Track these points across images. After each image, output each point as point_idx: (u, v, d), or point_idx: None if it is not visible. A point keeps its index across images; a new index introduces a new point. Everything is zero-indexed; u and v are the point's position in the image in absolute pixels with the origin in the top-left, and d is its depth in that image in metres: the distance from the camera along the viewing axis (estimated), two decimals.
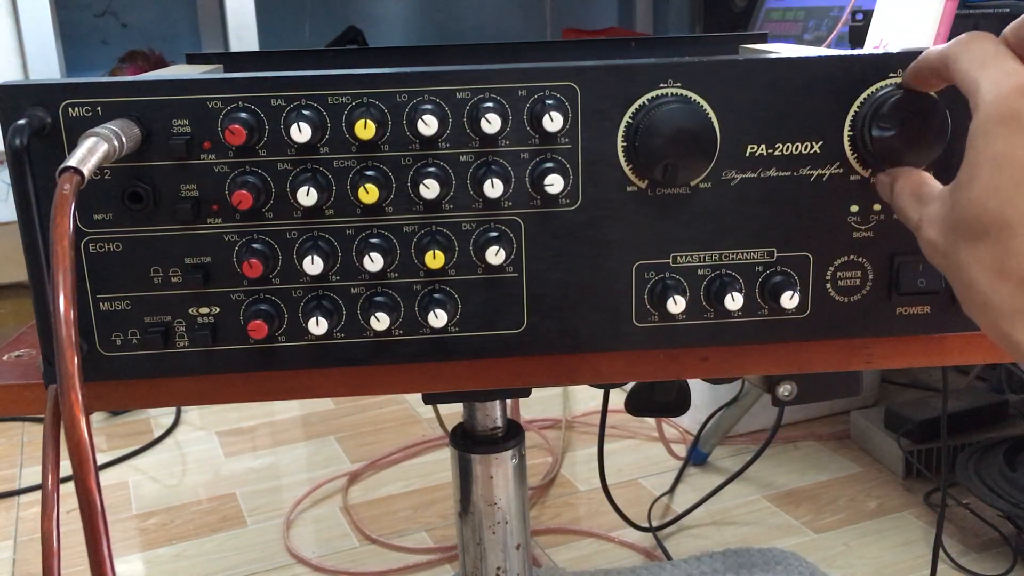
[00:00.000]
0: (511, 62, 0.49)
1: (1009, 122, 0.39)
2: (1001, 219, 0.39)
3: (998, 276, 0.39)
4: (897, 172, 0.49)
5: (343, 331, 0.51)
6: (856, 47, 1.13)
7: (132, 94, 0.47)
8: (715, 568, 1.28)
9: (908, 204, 0.47)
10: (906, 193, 0.47)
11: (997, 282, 0.39)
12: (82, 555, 0.38)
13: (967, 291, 0.41)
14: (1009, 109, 0.39)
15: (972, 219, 0.40)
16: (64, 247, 0.38)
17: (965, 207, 0.40)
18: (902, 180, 0.48)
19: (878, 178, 0.50)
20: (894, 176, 0.49)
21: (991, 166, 0.39)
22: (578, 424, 1.78)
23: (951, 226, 0.42)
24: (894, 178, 0.49)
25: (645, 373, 0.55)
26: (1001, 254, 0.39)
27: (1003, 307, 0.39)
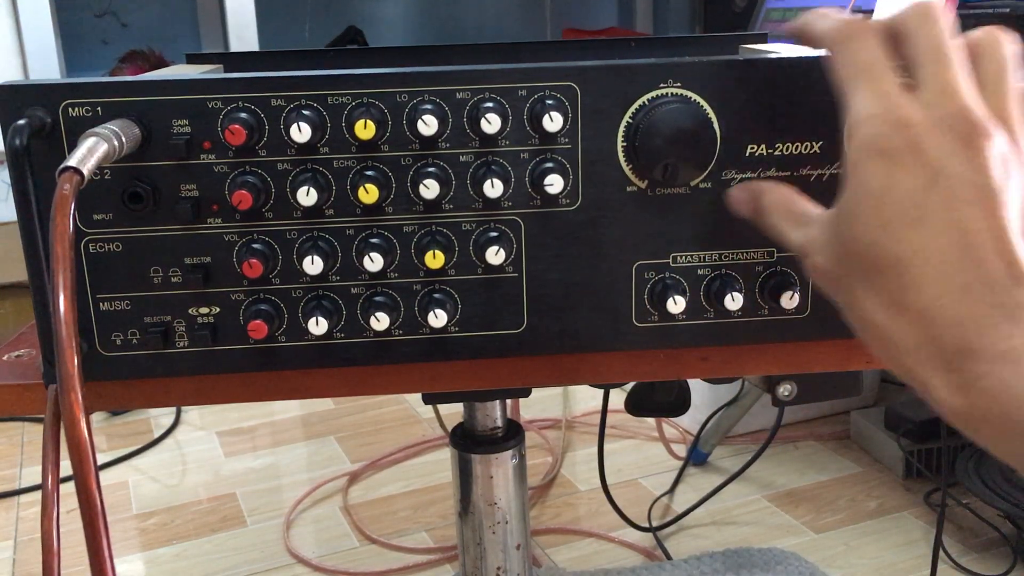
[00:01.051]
0: (511, 62, 0.49)
1: (886, 157, 0.38)
2: (893, 256, 0.38)
3: (896, 311, 0.38)
4: (761, 188, 0.47)
5: (343, 331, 0.51)
6: None
7: (132, 94, 0.47)
8: (715, 568, 1.28)
9: (786, 225, 0.45)
10: (780, 213, 0.46)
11: (896, 317, 0.38)
12: (82, 555, 0.38)
13: (864, 325, 0.40)
14: (883, 145, 0.38)
15: (863, 255, 0.39)
16: (64, 247, 0.38)
17: (854, 242, 0.39)
18: (772, 197, 0.46)
19: (731, 193, 0.49)
20: (758, 192, 0.47)
21: (874, 201, 0.38)
22: (578, 424, 1.78)
23: (840, 258, 0.41)
24: (759, 194, 0.47)
25: (645, 373, 0.55)
26: (896, 289, 0.38)
27: (904, 342, 0.38)
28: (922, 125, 0.38)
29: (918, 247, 0.38)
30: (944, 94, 0.39)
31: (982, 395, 0.36)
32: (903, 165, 0.38)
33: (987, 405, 0.36)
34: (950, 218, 0.37)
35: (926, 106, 0.39)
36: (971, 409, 0.36)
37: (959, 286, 0.37)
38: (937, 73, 0.39)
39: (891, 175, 0.38)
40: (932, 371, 0.38)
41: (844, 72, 0.41)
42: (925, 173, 0.38)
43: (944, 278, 0.37)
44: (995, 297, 0.37)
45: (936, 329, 0.37)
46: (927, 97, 0.39)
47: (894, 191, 0.38)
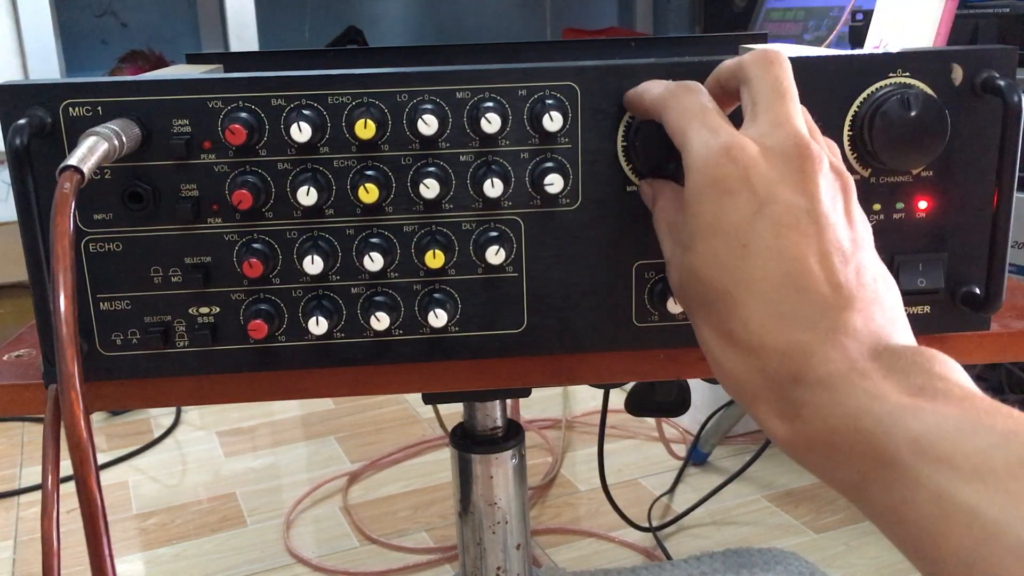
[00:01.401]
0: (511, 62, 0.49)
1: (717, 186, 0.39)
2: (722, 288, 0.38)
3: (727, 342, 0.39)
4: (659, 190, 0.47)
5: (343, 331, 0.51)
6: (856, 47, 1.13)
7: (132, 94, 0.47)
8: (715, 568, 1.28)
9: (663, 233, 0.46)
10: (663, 221, 0.46)
11: (727, 348, 0.39)
12: (82, 555, 0.38)
13: (706, 354, 0.41)
14: (715, 174, 0.39)
15: (696, 284, 0.40)
16: (64, 247, 0.38)
17: (688, 272, 0.40)
18: (662, 203, 0.46)
19: (641, 185, 0.49)
20: (655, 193, 0.47)
21: (706, 233, 0.39)
22: (578, 424, 1.78)
23: (679, 288, 0.41)
24: (655, 195, 0.47)
25: (645, 373, 0.55)
26: (727, 320, 0.38)
27: (736, 373, 0.39)
28: (753, 153, 0.39)
29: (744, 277, 0.38)
30: (777, 123, 0.40)
31: (805, 423, 0.36)
32: (733, 194, 0.38)
33: (810, 432, 0.36)
34: (775, 245, 0.37)
35: (759, 136, 0.40)
36: (796, 437, 0.37)
37: (782, 314, 0.37)
38: (771, 106, 0.40)
39: (721, 205, 0.38)
40: (762, 401, 0.38)
41: (678, 123, 0.42)
42: (753, 201, 0.38)
43: (768, 306, 0.37)
44: (818, 322, 0.37)
45: (762, 360, 0.37)
46: (761, 128, 0.40)
47: (723, 221, 0.38)
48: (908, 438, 0.32)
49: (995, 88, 0.49)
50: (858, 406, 0.34)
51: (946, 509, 0.30)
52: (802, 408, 0.36)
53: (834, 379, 0.36)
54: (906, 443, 0.32)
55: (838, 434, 0.35)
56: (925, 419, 0.33)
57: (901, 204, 0.51)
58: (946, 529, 0.30)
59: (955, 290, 0.53)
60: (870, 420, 0.34)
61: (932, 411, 0.33)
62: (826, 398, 0.36)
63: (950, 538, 0.30)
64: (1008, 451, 0.30)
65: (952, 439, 0.32)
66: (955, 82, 0.50)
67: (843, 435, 0.35)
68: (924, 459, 0.32)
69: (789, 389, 0.37)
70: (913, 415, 0.33)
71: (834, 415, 0.35)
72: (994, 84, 0.49)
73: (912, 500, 0.32)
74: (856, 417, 0.34)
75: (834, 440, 0.35)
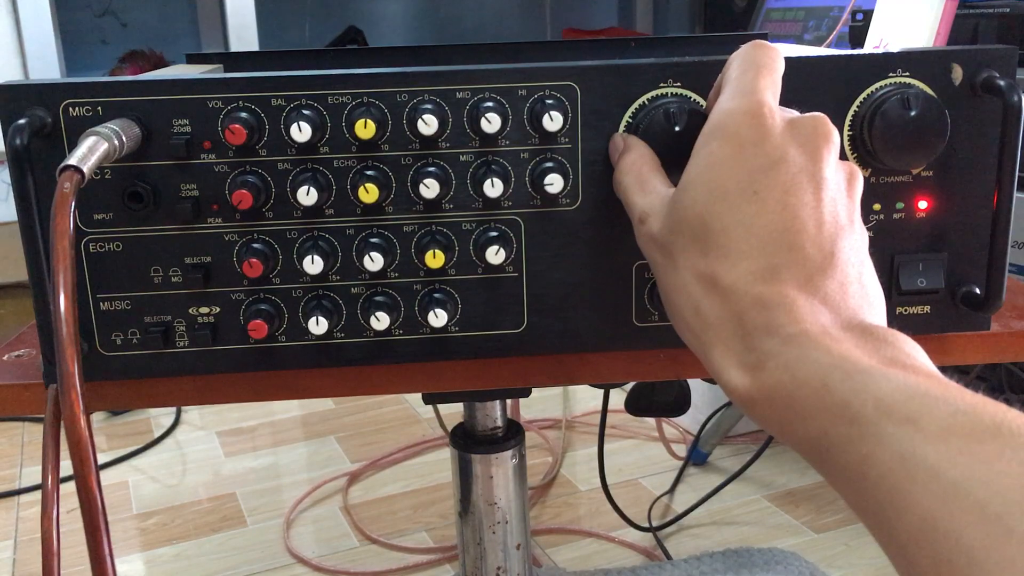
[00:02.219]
0: (511, 62, 0.49)
1: (735, 138, 0.41)
2: (720, 225, 0.39)
3: (709, 284, 0.40)
4: (633, 144, 0.48)
5: (343, 331, 0.51)
6: (856, 47, 1.13)
7: (132, 94, 0.47)
8: (715, 568, 1.28)
9: (633, 188, 0.46)
10: (632, 175, 0.46)
11: (708, 289, 0.40)
12: (82, 555, 0.38)
13: (676, 295, 0.41)
14: (736, 129, 0.41)
15: (693, 220, 0.40)
16: (64, 246, 0.38)
17: (689, 208, 0.41)
18: (629, 158, 0.47)
19: (613, 137, 0.49)
20: (628, 145, 0.48)
21: (717, 172, 0.40)
22: (578, 424, 1.78)
23: (672, 226, 0.42)
24: (627, 147, 0.48)
25: (645, 373, 0.55)
26: (715, 260, 0.39)
27: (710, 315, 0.39)
28: (777, 119, 0.41)
29: (746, 221, 0.39)
30: (741, 93, 0.42)
31: (769, 375, 0.37)
32: (751, 146, 0.40)
33: (772, 385, 0.36)
34: (782, 200, 0.39)
35: (722, 101, 0.42)
36: (757, 388, 0.37)
37: (773, 266, 0.38)
38: (740, 76, 0.43)
39: (738, 153, 0.40)
40: (727, 349, 0.39)
41: (729, 73, 0.44)
42: (770, 156, 0.40)
43: (761, 256, 0.38)
44: (802, 282, 0.38)
45: (740, 306, 0.38)
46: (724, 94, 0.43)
47: (737, 167, 0.40)
48: (875, 396, 0.33)
49: (995, 88, 0.49)
50: (829, 363, 0.35)
51: (908, 468, 0.31)
52: (768, 360, 0.37)
53: (807, 337, 0.36)
54: (873, 401, 0.33)
55: (804, 388, 0.35)
56: (894, 382, 0.33)
57: (901, 204, 0.51)
58: (908, 487, 0.30)
59: (955, 290, 0.53)
60: (838, 376, 0.34)
61: (902, 377, 0.33)
62: (796, 353, 0.36)
63: (911, 496, 0.30)
64: (974, 417, 0.31)
65: (919, 402, 0.32)
66: (955, 82, 0.50)
67: (809, 390, 0.35)
68: (890, 418, 0.32)
69: (759, 339, 0.37)
70: (882, 377, 0.34)
71: (802, 370, 0.35)
72: (994, 84, 0.49)
73: (874, 457, 0.32)
74: (825, 373, 0.35)
75: (798, 394, 0.35)
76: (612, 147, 0.49)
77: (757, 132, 0.40)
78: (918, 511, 0.30)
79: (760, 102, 0.41)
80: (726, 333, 0.39)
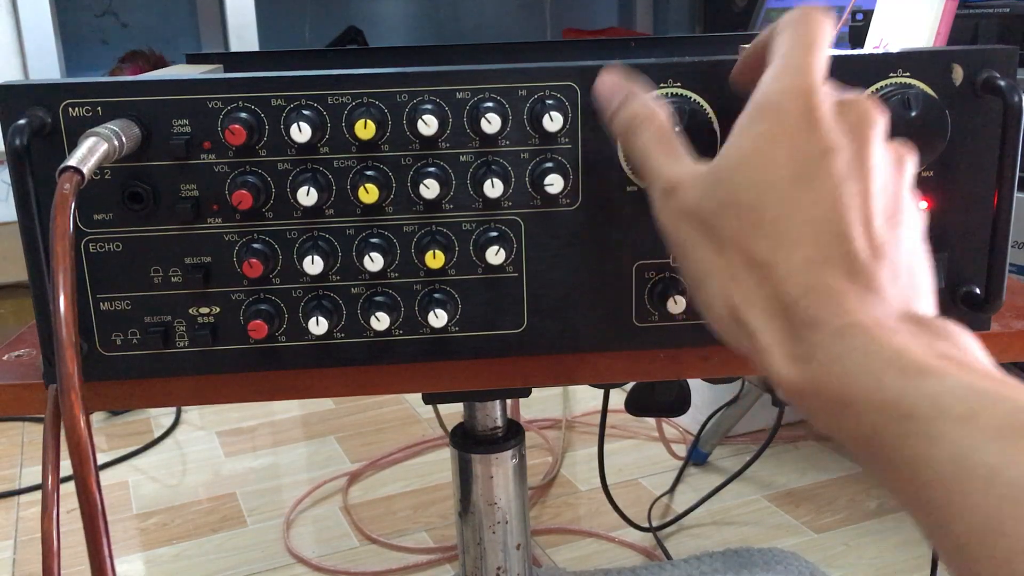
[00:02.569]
0: (511, 62, 0.49)
1: (786, 118, 0.40)
2: (775, 211, 0.39)
3: (746, 260, 0.39)
4: (642, 97, 0.45)
5: (343, 331, 0.51)
6: (856, 47, 1.13)
7: (132, 94, 0.47)
8: (715, 568, 1.28)
9: (658, 152, 0.43)
10: (653, 134, 0.44)
11: (744, 265, 0.39)
12: (82, 555, 0.38)
13: (718, 281, 0.40)
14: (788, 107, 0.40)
15: (744, 203, 0.39)
16: (64, 247, 0.38)
17: (742, 190, 0.40)
18: (649, 112, 0.44)
19: (607, 78, 0.46)
20: (636, 97, 0.45)
21: (770, 155, 0.39)
22: (578, 424, 1.78)
23: (718, 200, 0.40)
24: (635, 98, 0.45)
25: (645, 373, 0.55)
26: (755, 238, 0.39)
27: (751, 297, 0.39)
28: (826, 102, 0.40)
29: (801, 208, 0.38)
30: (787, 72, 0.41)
31: (819, 367, 0.36)
32: (804, 132, 0.39)
33: (822, 378, 0.36)
34: (834, 188, 0.38)
35: (767, 80, 0.41)
36: (805, 381, 0.36)
37: (824, 256, 0.38)
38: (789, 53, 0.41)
39: (791, 138, 0.39)
40: (775, 338, 0.38)
41: (777, 44, 0.42)
42: (822, 144, 0.39)
43: (813, 244, 0.38)
44: (851, 273, 0.37)
45: (792, 294, 0.38)
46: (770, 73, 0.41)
47: (790, 153, 0.39)
48: (930, 393, 0.32)
49: (995, 88, 0.49)
50: (882, 357, 0.34)
51: (965, 467, 0.30)
52: (818, 351, 0.36)
53: (860, 328, 0.36)
54: (928, 398, 0.32)
55: (855, 383, 0.34)
56: (949, 380, 0.32)
57: None
58: (963, 487, 0.30)
59: (955, 290, 0.53)
60: (892, 372, 0.33)
61: (956, 375, 0.33)
62: (848, 345, 0.35)
63: (967, 497, 0.30)
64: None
65: (976, 400, 0.31)
66: (955, 82, 0.50)
67: (861, 386, 0.34)
68: (946, 416, 0.31)
69: (809, 330, 0.37)
70: (937, 375, 0.33)
71: (854, 364, 0.35)
72: (994, 84, 0.49)
73: (928, 457, 0.31)
74: (879, 368, 0.34)
75: (849, 390, 0.35)
76: (607, 87, 0.46)
77: (809, 118, 0.39)
78: (974, 512, 0.29)
79: (812, 85, 0.40)
80: (775, 323, 0.38)
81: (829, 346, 0.36)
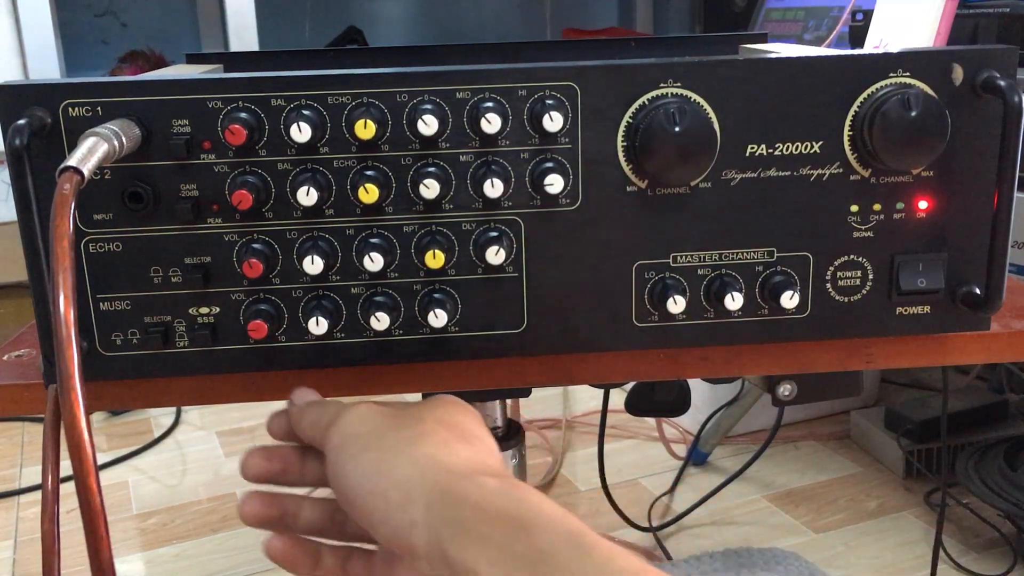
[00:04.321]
0: (511, 62, 0.49)
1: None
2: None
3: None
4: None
5: (343, 331, 0.51)
6: (856, 47, 1.13)
7: (132, 94, 0.47)
8: (715, 568, 1.28)
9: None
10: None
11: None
12: (82, 555, 0.38)
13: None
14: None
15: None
16: (64, 247, 0.38)
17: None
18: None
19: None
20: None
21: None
22: (578, 424, 1.78)
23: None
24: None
25: (645, 373, 0.55)
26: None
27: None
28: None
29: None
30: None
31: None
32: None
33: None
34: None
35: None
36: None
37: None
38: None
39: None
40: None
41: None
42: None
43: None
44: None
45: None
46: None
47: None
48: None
49: (995, 88, 0.49)
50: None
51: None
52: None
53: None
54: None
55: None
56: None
57: (901, 204, 0.51)
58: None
59: (955, 290, 0.53)
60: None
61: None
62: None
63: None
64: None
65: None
66: (955, 82, 0.50)
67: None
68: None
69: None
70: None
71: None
72: (994, 84, 0.49)
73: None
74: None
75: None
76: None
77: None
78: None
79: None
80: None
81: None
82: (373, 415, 0.45)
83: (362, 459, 0.42)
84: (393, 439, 0.43)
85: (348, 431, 0.44)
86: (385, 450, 0.42)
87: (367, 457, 0.42)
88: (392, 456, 0.42)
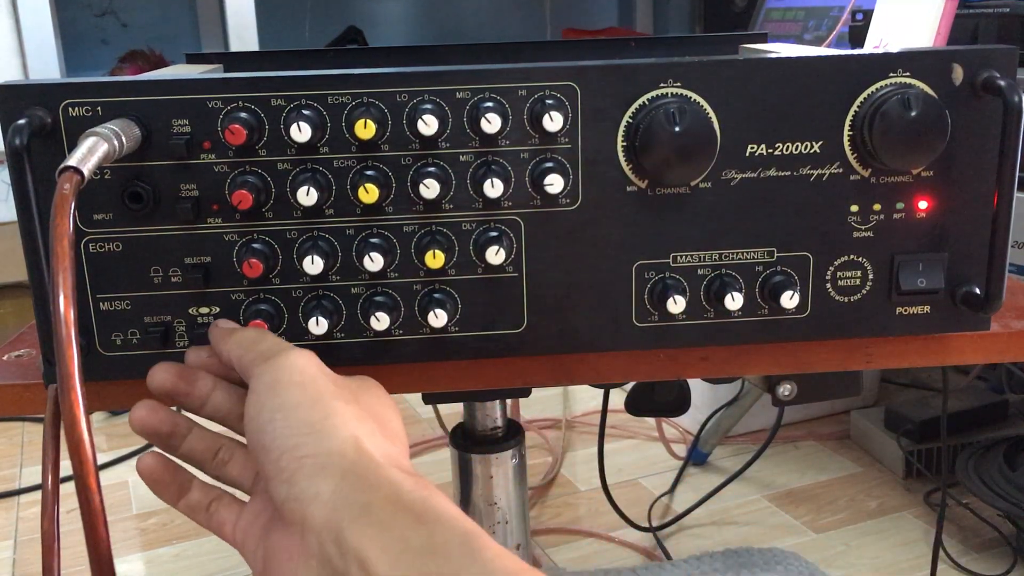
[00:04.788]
0: (511, 62, 0.49)
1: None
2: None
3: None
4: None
5: (343, 331, 0.51)
6: (856, 47, 1.13)
7: (132, 94, 0.47)
8: (715, 568, 1.28)
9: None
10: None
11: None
12: (82, 555, 0.38)
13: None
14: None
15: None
16: (64, 247, 0.38)
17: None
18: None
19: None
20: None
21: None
22: (578, 424, 1.78)
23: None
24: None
25: (645, 373, 0.55)
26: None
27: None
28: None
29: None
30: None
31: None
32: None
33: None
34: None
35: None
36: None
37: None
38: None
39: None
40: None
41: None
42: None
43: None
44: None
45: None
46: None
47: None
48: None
49: (995, 88, 0.49)
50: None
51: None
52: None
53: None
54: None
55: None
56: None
57: (901, 204, 0.51)
58: None
59: (955, 290, 0.53)
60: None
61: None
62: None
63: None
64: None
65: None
66: (955, 82, 0.50)
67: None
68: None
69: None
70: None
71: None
72: (994, 84, 0.49)
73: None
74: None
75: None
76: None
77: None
78: None
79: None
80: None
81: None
82: (314, 373, 0.44)
83: (292, 415, 0.42)
84: (326, 408, 0.42)
85: (284, 377, 0.43)
86: (317, 415, 0.42)
87: (298, 415, 0.42)
88: (322, 424, 0.41)
